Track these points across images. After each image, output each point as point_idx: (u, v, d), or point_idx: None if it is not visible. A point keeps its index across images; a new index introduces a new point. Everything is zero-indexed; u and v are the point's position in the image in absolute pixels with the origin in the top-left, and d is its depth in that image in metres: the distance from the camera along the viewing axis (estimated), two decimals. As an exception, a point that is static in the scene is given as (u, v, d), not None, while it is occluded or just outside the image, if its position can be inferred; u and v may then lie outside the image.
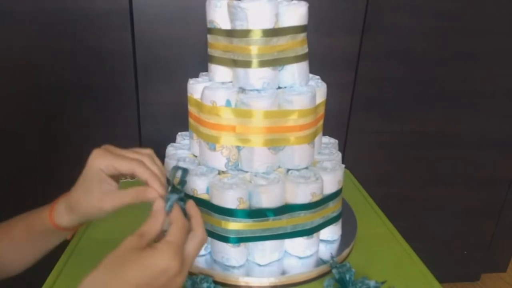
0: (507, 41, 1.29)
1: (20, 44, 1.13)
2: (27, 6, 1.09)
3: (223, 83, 0.71)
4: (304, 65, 0.71)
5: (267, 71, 0.67)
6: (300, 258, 0.71)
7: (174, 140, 0.84)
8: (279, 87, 0.70)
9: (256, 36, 0.64)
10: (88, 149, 0.54)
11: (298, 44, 0.69)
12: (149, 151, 0.55)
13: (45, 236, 0.57)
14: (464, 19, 1.25)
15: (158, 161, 0.54)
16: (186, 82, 0.75)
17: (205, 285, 0.63)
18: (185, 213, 0.48)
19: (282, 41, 0.66)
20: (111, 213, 0.52)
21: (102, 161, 0.51)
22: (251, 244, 0.69)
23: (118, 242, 0.44)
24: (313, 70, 0.75)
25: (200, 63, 0.79)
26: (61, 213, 0.54)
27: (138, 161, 0.51)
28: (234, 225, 0.65)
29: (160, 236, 0.45)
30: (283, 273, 0.68)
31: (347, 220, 0.81)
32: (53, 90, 1.18)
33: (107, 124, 1.23)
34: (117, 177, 0.54)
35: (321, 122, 0.77)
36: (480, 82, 1.34)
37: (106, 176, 0.51)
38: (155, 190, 0.49)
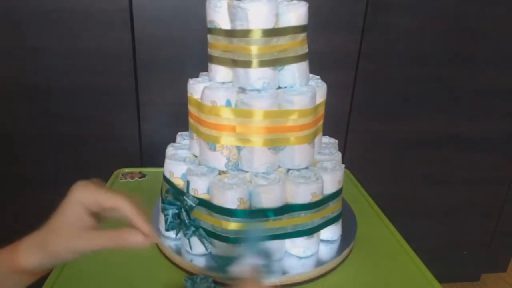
0: (507, 41, 1.29)
1: (20, 44, 1.13)
2: (27, 6, 1.09)
3: (223, 83, 0.71)
4: (304, 65, 0.71)
5: (267, 71, 0.67)
6: (300, 258, 0.71)
7: (174, 140, 0.84)
8: (279, 87, 0.70)
9: (256, 36, 0.64)
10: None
11: (298, 44, 0.69)
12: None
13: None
14: (464, 19, 1.25)
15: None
16: (186, 82, 0.75)
17: (205, 285, 0.63)
18: None
19: (282, 41, 0.66)
20: (86, 254, 0.46)
21: (83, 192, 0.45)
22: (251, 244, 0.69)
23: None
24: (313, 70, 0.75)
25: (200, 63, 0.79)
26: (29, 252, 0.45)
27: (122, 195, 0.46)
28: (234, 225, 0.65)
29: None
30: (283, 273, 0.68)
31: (347, 220, 0.81)
32: (53, 90, 1.18)
33: (107, 124, 1.23)
34: (98, 217, 0.47)
35: (321, 122, 0.77)
36: (480, 82, 1.34)
37: (84, 211, 0.45)
38: (138, 234, 0.45)
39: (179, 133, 0.86)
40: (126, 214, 0.45)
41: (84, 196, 0.45)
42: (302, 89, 0.69)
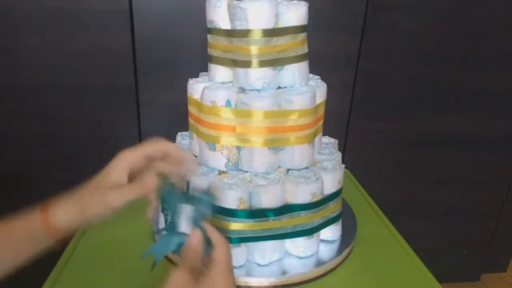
0: (507, 41, 1.29)
1: (19, 44, 1.13)
2: (27, 5, 1.09)
3: (223, 83, 0.71)
4: (304, 65, 0.71)
5: (267, 71, 0.67)
6: (300, 258, 0.71)
7: (174, 140, 0.84)
8: (279, 87, 0.70)
9: (256, 36, 0.64)
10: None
11: (298, 44, 0.69)
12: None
13: (27, 242, 0.49)
14: (464, 19, 1.25)
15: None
16: (186, 82, 0.75)
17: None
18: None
19: (282, 41, 0.66)
20: (114, 212, 0.49)
21: (130, 152, 0.50)
22: (251, 244, 0.69)
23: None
24: (313, 70, 0.75)
25: (200, 63, 0.79)
26: (60, 210, 0.49)
27: (166, 143, 0.50)
28: (234, 225, 0.65)
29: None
30: (283, 273, 0.68)
31: (347, 220, 0.81)
32: (53, 90, 1.18)
33: (107, 124, 1.23)
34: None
35: (321, 122, 0.77)
36: (480, 82, 1.34)
37: (126, 172, 0.49)
38: (154, 178, 0.49)
39: (179, 133, 0.86)
40: (175, 154, 0.50)
41: (130, 154, 0.49)
42: (302, 89, 0.69)
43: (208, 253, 0.46)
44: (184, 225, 0.48)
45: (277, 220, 0.66)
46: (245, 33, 0.64)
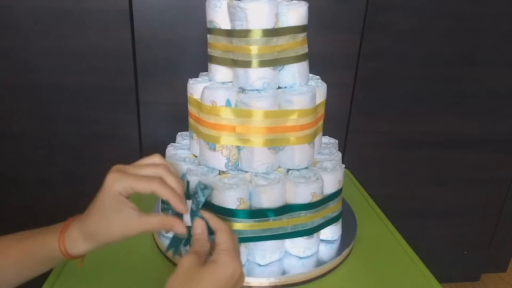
0: (507, 41, 1.29)
1: (19, 44, 1.13)
2: (27, 5, 1.09)
3: (223, 83, 0.71)
4: (304, 65, 0.71)
5: (267, 71, 0.67)
6: (300, 258, 0.71)
7: (174, 140, 0.84)
8: (279, 87, 0.70)
9: (256, 36, 0.64)
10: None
11: (298, 44, 0.69)
12: (160, 159, 0.53)
13: (47, 262, 0.52)
14: (465, 19, 1.25)
15: (173, 168, 0.53)
16: (186, 82, 0.75)
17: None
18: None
19: (282, 41, 0.66)
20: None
21: (120, 185, 0.48)
22: (251, 244, 0.69)
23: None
24: (313, 70, 0.75)
25: (200, 63, 0.79)
26: (77, 242, 0.50)
27: (156, 180, 0.49)
28: (234, 225, 0.65)
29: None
30: (283, 273, 0.68)
31: (347, 220, 0.81)
32: (53, 90, 1.18)
33: (107, 124, 1.23)
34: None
35: (321, 122, 0.77)
36: (481, 82, 1.34)
37: (126, 200, 0.49)
38: (181, 224, 0.50)
39: (179, 133, 0.86)
40: (163, 198, 0.49)
41: (121, 187, 0.48)
42: (302, 89, 0.69)
43: (213, 240, 0.49)
44: (187, 220, 0.52)
45: (277, 220, 0.66)
46: (245, 33, 0.64)
